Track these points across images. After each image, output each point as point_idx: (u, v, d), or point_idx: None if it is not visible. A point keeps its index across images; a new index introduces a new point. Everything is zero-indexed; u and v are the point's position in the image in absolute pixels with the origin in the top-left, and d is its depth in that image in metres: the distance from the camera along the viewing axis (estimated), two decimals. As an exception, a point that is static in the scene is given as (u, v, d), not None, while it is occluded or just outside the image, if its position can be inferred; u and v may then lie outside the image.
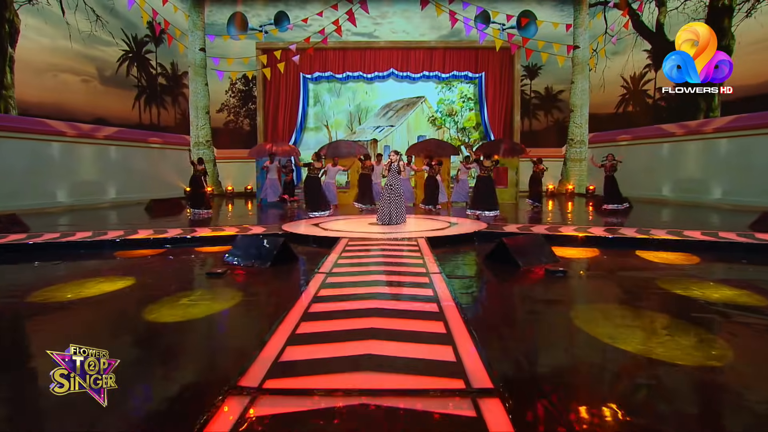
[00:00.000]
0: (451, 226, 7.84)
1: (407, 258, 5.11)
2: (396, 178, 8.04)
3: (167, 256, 5.82)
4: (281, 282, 4.63)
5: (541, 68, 18.08)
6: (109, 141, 13.62)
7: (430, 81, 18.30)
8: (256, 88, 18.06)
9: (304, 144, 18.25)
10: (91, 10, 12.77)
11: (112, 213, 11.65)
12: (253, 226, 7.85)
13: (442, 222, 8.51)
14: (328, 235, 6.77)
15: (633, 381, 2.39)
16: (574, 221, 9.21)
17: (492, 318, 3.49)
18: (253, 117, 18.23)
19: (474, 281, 4.68)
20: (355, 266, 4.69)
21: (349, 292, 3.69)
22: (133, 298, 3.94)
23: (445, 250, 6.23)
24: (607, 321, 3.23)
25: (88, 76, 12.88)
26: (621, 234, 6.60)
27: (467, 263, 5.62)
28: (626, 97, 15.52)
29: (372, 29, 17.64)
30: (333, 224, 8.23)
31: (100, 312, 3.64)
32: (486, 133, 18.35)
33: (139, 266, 5.30)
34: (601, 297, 4.05)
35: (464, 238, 6.85)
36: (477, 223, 8.08)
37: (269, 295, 4.20)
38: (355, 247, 5.78)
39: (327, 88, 18.51)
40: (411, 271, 4.48)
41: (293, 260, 5.36)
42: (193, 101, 17.36)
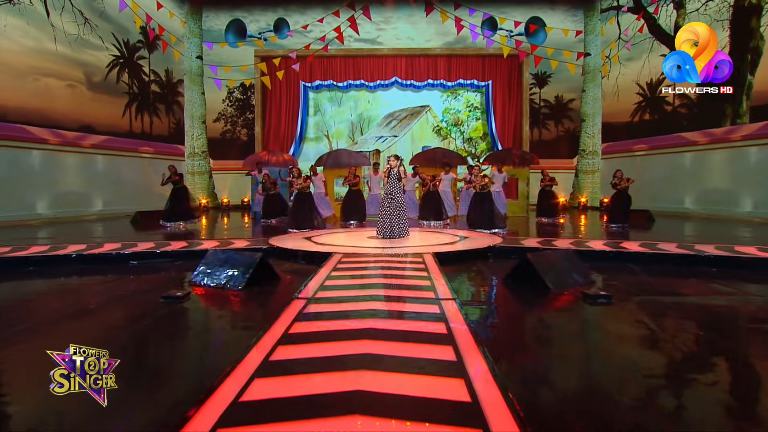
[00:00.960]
0: (461, 240, 6.94)
1: (411, 279, 4.21)
2: (396, 185, 7.16)
3: (129, 275, 4.96)
4: (250, 310, 3.74)
5: (550, 76, 17.35)
6: (96, 150, 12.90)
7: (435, 89, 17.60)
8: (254, 97, 17.40)
9: (304, 155, 17.50)
10: (78, 13, 12.17)
11: (94, 226, 10.84)
12: (236, 240, 6.98)
13: (450, 236, 7.62)
14: (318, 250, 5.90)
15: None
16: (598, 235, 8.29)
17: (523, 361, 2.59)
18: (250, 127, 17.54)
19: (494, 309, 3.77)
20: (346, 289, 3.81)
21: (333, 327, 2.80)
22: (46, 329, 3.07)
23: (456, 267, 5.33)
24: (690, 374, 2.31)
25: (74, 81, 12.21)
26: (662, 250, 5.68)
27: (484, 285, 4.71)
28: (642, 104, 14.71)
29: (375, 35, 17.01)
30: (327, 238, 7.37)
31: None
32: (493, 143, 17.55)
33: (87, 288, 4.44)
34: (671, 335, 3.12)
35: (477, 254, 5.96)
36: (491, 237, 7.18)
37: (229, 330, 3.29)
38: (348, 264, 4.90)
39: (328, 96, 17.83)
40: (416, 297, 3.59)
41: (273, 280, 4.49)
42: (188, 110, 16.68)
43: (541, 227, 9.96)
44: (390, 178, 7.20)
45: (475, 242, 6.71)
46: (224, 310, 3.68)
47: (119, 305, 3.82)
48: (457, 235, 7.49)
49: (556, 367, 2.48)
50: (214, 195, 17.29)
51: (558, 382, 2.26)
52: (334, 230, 9.21)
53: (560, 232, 8.91)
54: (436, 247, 6.26)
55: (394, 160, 7.22)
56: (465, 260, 5.72)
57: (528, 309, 3.74)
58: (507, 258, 5.85)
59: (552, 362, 2.56)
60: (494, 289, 4.40)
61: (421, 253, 5.61)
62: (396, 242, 6.71)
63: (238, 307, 3.76)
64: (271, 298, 4.03)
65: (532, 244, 6.28)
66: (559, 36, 16.39)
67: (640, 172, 14.63)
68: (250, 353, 2.29)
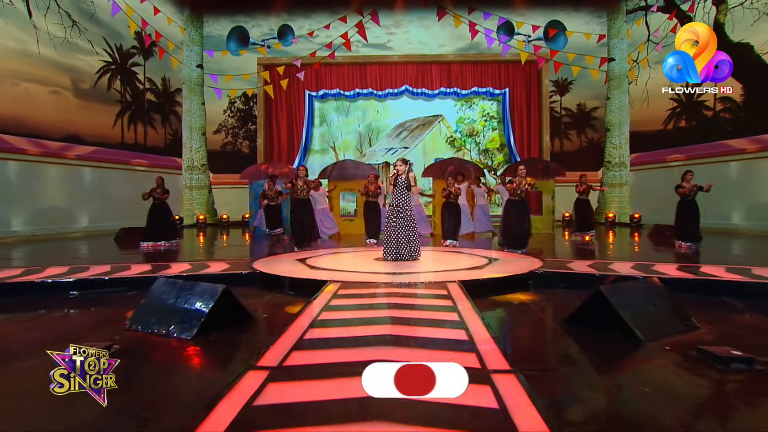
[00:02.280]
0: (492, 263, 5.67)
1: (436, 327, 2.95)
2: (405, 196, 5.91)
3: (59, 310, 3.78)
4: (184, 383, 2.45)
5: (572, 83, 16.20)
6: (82, 161, 11.91)
7: (448, 98, 16.51)
8: (256, 107, 16.46)
9: (309, 167, 16.20)
10: (65, 14, 11.32)
11: (73, 245, 9.75)
12: (214, 262, 5.79)
13: (475, 256, 6.35)
14: (311, 277, 4.68)
15: None
16: (661, 256, 6.93)
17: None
18: (252, 138, 16.55)
19: (564, 378, 2.47)
20: (337, 347, 2.55)
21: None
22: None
23: (490, 301, 4.09)
24: None
25: (59, 87, 11.30)
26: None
27: (534, 332, 3.40)
28: (677, 110, 13.43)
29: (385, 40, 16.04)
30: (325, 260, 6.15)
31: None
32: (511, 154, 16.34)
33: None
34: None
35: (516, 282, 4.69)
36: (528, 260, 5.90)
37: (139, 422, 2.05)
38: (344, 301, 3.66)
39: (334, 106, 16.82)
40: (446, 358, 2.33)
41: (243, 322, 3.26)
42: (186, 121, 15.75)
43: (580, 246, 8.68)
44: (397, 186, 5.95)
45: (510, 265, 5.44)
46: (138, 387, 2.40)
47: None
48: (486, 257, 6.20)
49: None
50: (214, 211, 16.24)
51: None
52: (338, 249, 8.00)
53: (606, 251, 7.59)
54: (461, 272, 5.01)
55: (401, 165, 5.96)
56: (501, 290, 4.44)
57: (621, 382, 2.44)
58: (553, 287, 4.60)
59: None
60: (554, 341, 3.09)
61: (443, 281, 4.36)
62: (405, 266, 5.47)
63: (168, 380, 2.48)
64: (230, 356, 2.78)
65: (583, 269, 4.99)
66: (580, 40, 15.29)
67: (676, 183, 13.27)
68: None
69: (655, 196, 14.20)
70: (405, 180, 5.94)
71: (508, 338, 3.00)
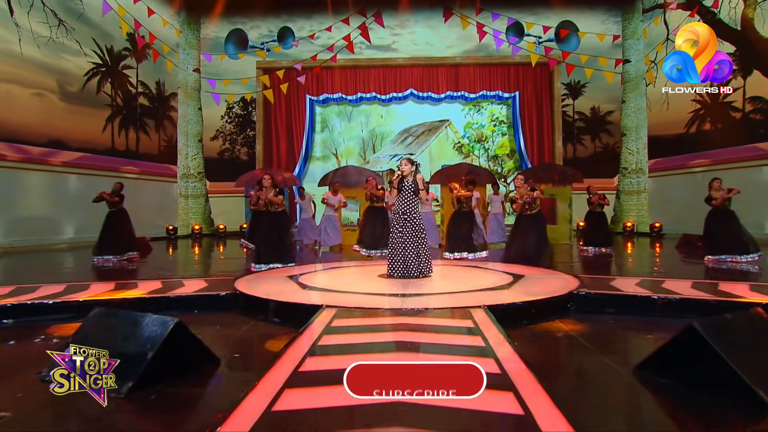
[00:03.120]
0: (518, 281, 4.83)
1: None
2: (412, 202, 5.08)
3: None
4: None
5: (585, 86, 15.45)
6: (68, 168, 11.20)
7: (455, 102, 15.77)
8: (255, 113, 15.78)
9: (310, 175, 15.69)
10: (51, 13, 10.68)
11: (50, 257, 9.02)
12: (191, 280, 4.99)
13: (497, 272, 5.53)
14: (300, 300, 3.86)
15: None
16: (712, 272, 6.07)
17: None
18: (251, 145, 15.85)
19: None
20: (326, 420, 1.73)
21: None
22: None
23: (524, 331, 3.27)
24: None
25: (43, 89, 10.63)
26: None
27: (601, 385, 2.51)
28: (701, 112, 12.62)
29: (390, 41, 15.37)
30: (320, 277, 5.35)
31: None
32: (522, 161, 15.55)
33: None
34: None
35: (553, 306, 3.86)
36: (560, 276, 5.07)
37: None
38: (342, 335, 2.85)
39: (336, 111, 16.12)
40: None
41: (202, 367, 2.45)
42: (182, 127, 15.07)
43: (594, 260, 7.85)
44: (402, 191, 5.11)
45: (541, 284, 4.62)
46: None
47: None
48: (509, 273, 5.37)
49: None
50: (210, 220, 15.49)
51: None
52: (336, 263, 7.20)
53: (643, 265, 6.75)
54: (484, 294, 4.19)
55: (406, 166, 5.05)
56: (535, 317, 3.62)
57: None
58: (599, 312, 3.77)
59: None
60: (635, 401, 2.25)
61: (465, 307, 3.53)
62: (415, 285, 4.65)
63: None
64: (173, 426, 1.96)
65: (632, 288, 4.16)
66: (593, 41, 14.62)
67: (700, 192, 12.44)
68: None
69: (677, 203, 13.35)
70: (411, 183, 5.13)
71: (568, 398, 2.16)
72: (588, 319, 3.60)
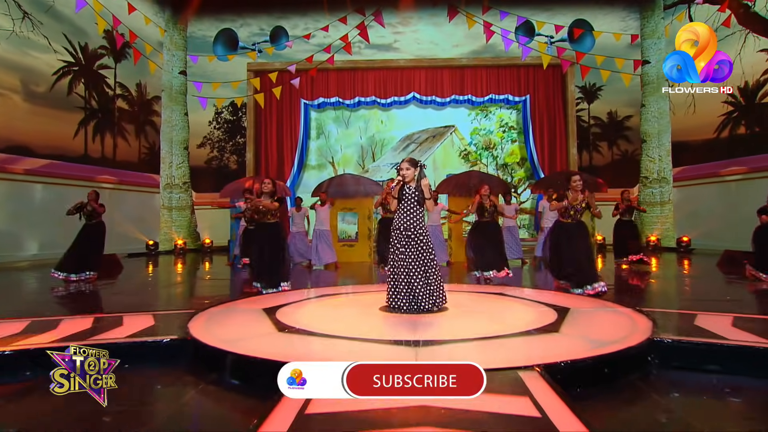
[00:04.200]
0: (567, 316, 3.59)
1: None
2: (416, 214, 3.96)
3: None
4: None
5: (601, 89, 14.37)
6: (32, 176, 10.03)
7: (461, 106, 14.69)
8: (245, 118, 14.69)
9: (304, 185, 14.54)
10: (14, 4, 9.60)
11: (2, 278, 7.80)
12: (136, 316, 3.76)
13: (531, 303, 4.30)
14: (265, 356, 2.60)
15: None
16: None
17: None
18: (241, 153, 14.73)
19: None
20: None
21: None
22: None
23: (595, 403, 2.06)
24: None
25: (4, 88, 9.51)
26: None
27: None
28: (734, 115, 11.49)
29: (391, 40, 14.33)
30: (305, 311, 4.13)
31: None
32: (534, 169, 14.40)
33: None
34: None
35: (627, 362, 2.64)
36: (619, 310, 3.85)
37: None
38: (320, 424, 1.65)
39: (333, 116, 15.03)
40: None
41: None
42: (166, 134, 13.96)
43: (635, 278, 6.72)
44: (404, 200, 3.99)
45: (598, 324, 3.39)
46: None
47: None
48: (542, 302, 4.13)
49: None
50: (196, 234, 14.29)
51: None
52: (332, 289, 5.98)
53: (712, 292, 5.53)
54: (526, 342, 2.96)
55: (408, 169, 3.98)
56: (608, 379, 2.41)
57: None
58: (695, 368, 2.59)
59: None
60: None
61: (512, 367, 2.31)
62: (427, 323, 3.44)
63: None
64: None
65: (727, 330, 2.94)
66: (610, 41, 13.55)
67: (734, 202, 11.30)
68: None
69: (707, 215, 12.18)
70: (414, 191, 3.95)
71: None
72: (684, 383, 2.40)
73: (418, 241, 3.89)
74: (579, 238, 5.42)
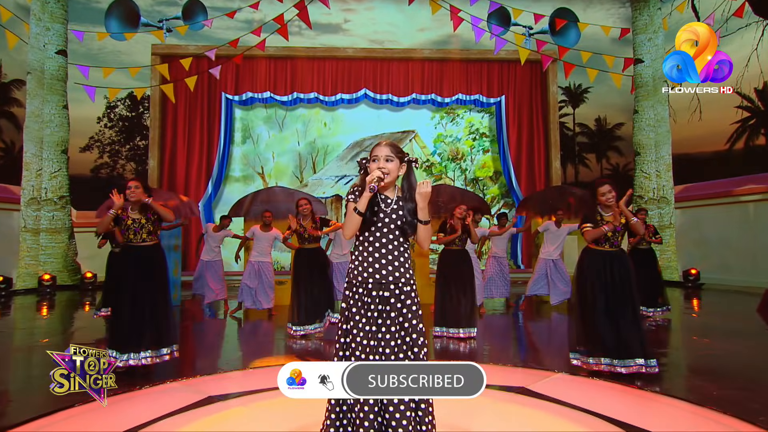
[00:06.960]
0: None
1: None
2: (400, 253, 2.01)
3: None
4: None
5: (588, 91, 12.25)
6: None
7: (422, 107, 12.17)
8: (148, 115, 11.54)
9: (225, 201, 11.44)
10: None
11: None
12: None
13: None
14: None
15: None
16: None
17: None
18: (141, 159, 11.51)
19: None
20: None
21: None
22: None
23: None
24: None
25: None
26: None
27: None
28: (750, 122, 9.48)
29: (340, 19, 11.66)
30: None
31: None
32: (509, 185, 11.99)
33: None
34: None
35: None
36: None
37: None
38: None
39: (263, 116, 12.10)
40: None
41: None
42: (33, 131, 10.46)
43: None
44: (375, 221, 2.01)
45: None
46: None
47: None
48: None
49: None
50: (74, 266, 10.78)
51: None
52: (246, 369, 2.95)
53: None
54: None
55: (389, 155, 1.99)
56: None
57: None
58: None
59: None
60: None
61: None
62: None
63: None
64: None
65: None
66: (599, 34, 11.47)
67: (754, 227, 9.23)
68: None
69: (718, 243, 10.10)
70: (398, 207, 2.05)
71: None
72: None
73: (402, 314, 1.97)
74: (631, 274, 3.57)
